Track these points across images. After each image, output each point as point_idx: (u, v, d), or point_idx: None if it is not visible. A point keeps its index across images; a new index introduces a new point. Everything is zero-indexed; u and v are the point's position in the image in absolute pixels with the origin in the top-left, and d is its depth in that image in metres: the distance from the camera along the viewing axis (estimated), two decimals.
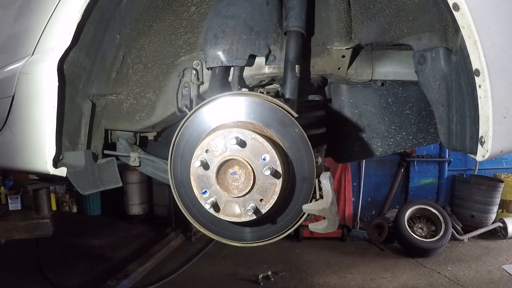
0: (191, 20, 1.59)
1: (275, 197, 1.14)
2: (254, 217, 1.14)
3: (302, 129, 1.18)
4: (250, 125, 1.19)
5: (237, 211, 1.17)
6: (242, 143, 1.12)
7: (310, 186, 1.21)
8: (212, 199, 1.16)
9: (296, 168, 1.21)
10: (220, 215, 1.17)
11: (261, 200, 1.14)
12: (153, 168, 1.77)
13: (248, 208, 1.13)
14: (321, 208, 1.19)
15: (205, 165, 1.15)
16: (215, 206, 1.16)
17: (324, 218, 1.23)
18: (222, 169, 1.15)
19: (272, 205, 1.14)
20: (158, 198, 7.34)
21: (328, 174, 1.23)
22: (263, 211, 1.15)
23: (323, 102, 1.79)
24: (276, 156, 1.11)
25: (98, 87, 1.57)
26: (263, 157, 1.12)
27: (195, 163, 1.15)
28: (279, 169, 1.12)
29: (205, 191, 1.17)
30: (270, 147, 1.12)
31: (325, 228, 1.23)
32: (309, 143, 1.19)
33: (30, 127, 1.49)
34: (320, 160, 1.25)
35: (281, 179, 1.12)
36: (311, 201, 1.22)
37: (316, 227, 1.27)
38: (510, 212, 6.79)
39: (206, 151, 1.15)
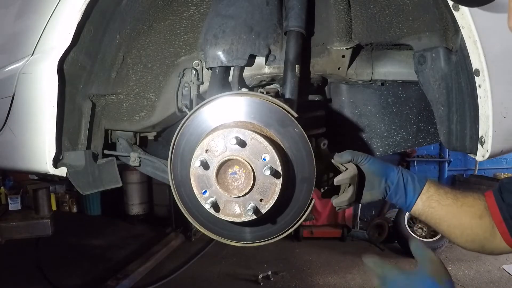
0: (191, 20, 1.59)
1: (275, 197, 1.14)
2: (254, 217, 1.14)
3: (302, 129, 1.18)
4: (250, 125, 1.19)
5: (237, 211, 1.17)
6: (242, 143, 1.12)
7: (310, 186, 1.22)
8: (212, 199, 1.16)
9: (296, 168, 1.21)
10: (220, 215, 1.17)
11: (261, 200, 1.14)
12: (153, 168, 1.77)
13: (248, 208, 1.13)
14: (352, 175, 1.25)
15: (205, 165, 1.15)
16: (215, 206, 1.16)
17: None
18: (222, 169, 1.14)
19: (272, 205, 1.14)
20: (158, 198, 7.35)
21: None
22: (263, 211, 1.15)
23: (323, 102, 1.79)
24: (276, 156, 1.11)
25: (98, 87, 1.57)
26: (263, 157, 1.12)
27: (195, 163, 1.15)
28: (279, 169, 1.12)
29: (205, 191, 1.17)
30: (270, 147, 1.12)
31: (350, 197, 1.26)
32: (309, 143, 1.19)
33: (30, 127, 1.49)
34: (326, 142, 1.30)
35: (281, 179, 1.12)
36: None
37: (342, 200, 1.28)
38: None
39: (206, 151, 1.15)
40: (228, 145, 1.13)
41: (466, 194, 1.25)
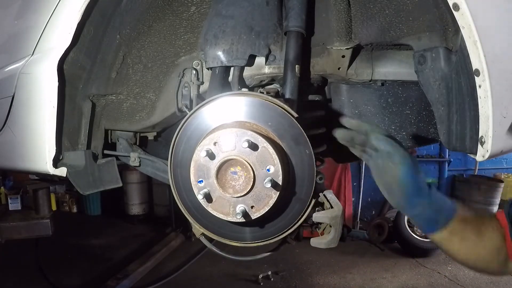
0: (191, 20, 1.59)
1: (267, 209, 1.14)
2: (243, 220, 1.14)
3: (312, 152, 1.18)
4: (265, 132, 1.18)
5: (225, 209, 1.17)
6: (253, 148, 1.11)
7: (301, 207, 1.22)
8: (205, 190, 1.16)
9: (295, 187, 1.21)
10: (209, 208, 1.17)
11: (252, 207, 1.14)
12: (153, 168, 1.77)
13: (238, 211, 1.14)
14: (334, 216, 1.22)
15: (210, 156, 1.14)
16: (208, 198, 1.16)
17: (323, 234, 1.25)
18: (225, 166, 1.14)
19: (261, 214, 1.15)
20: (158, 198, 7.35)
21: (331, 191, 1.28)
22: (252, 217, 1.15)
23: (323, 102, 1.79)
24: (281, 171, 1.11)
25: (98, 87, 1.57)
26: (268, 167, 1.12)
27: (201, 152, 1.14)
28: (279, 184, 1.12)
29: (201, 181, 1.16)
30: (278, 160, 1.11)
31: (330, 241, 1.24)
32: (315, 166, 1.19)
33: (30, 127, 1.49)
34: (322, 176, 1.26)
35: (278, 193, 1.12)
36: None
37: (320, 241, 1.27)
38: None
39: (215, 143, 1.14)
40: (238, 145, 1.12)
41: (487, 224, 1.20)
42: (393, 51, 1.73)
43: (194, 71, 1.62)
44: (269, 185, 1.09)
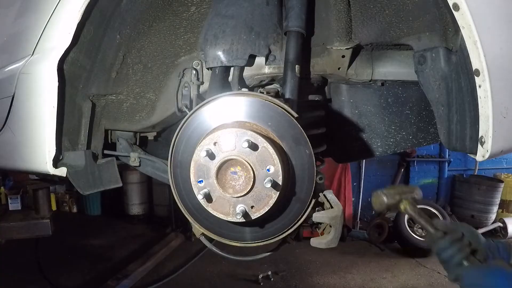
0: (191, 20, 1.59)
1: (267, 209, 1.14)
2: (243, 220, 1.14)
3: (312, 151, 1.18)
4: (265, 132, 1.18)
5: (225, 209, 1.17)
6: (253, 148, 1.11)
7: (302, 207, 1.22)
8: (206, 190, 1.16)
9: (295, 186, 1.21)
10: (209, 208, 1.18)
11: (252, 207, 1.15)
12: (153, 168, 1.77)
13: (238, 211, 1.14)
14: (334, 216, 1.23)
15: (210, 156, 1.14)
16: (208, 197, 1.16)
17: (323, 234, 1.25)
18: (225, 166, 1.14)
19: (261, 214, 1.15)
20: (158, 198, 7.34)
21: (331, 191, 1.29)
22: (252, 217, 1.15)
23: (323, 102, 1.79)
24: (281, 171, 1.11)
25: (98, 87, 1.57)
26: (268, 167, 1.12)
27: (201, 152, 1.14)
28: (279, 184, 1.12)
29: (201, 181, 1.17)
30: (278, 160, 1.11)
31: (330, 241, 1.24)
32: (315, 166, 1.19)
33: (30, 127, 1.49)
34: (322, 176, 1.26)
35: (278, 193, 1.12)
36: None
37: (320, 241, 1.27)
38: (510, 212, 6.80)
39: (215, 143, 1.14)
40: (238, 145, 1.12)
41: None
42: (393, 51, 1.73)
43: (194, 71, 1.61)
44: (269, 185, 1.09)
